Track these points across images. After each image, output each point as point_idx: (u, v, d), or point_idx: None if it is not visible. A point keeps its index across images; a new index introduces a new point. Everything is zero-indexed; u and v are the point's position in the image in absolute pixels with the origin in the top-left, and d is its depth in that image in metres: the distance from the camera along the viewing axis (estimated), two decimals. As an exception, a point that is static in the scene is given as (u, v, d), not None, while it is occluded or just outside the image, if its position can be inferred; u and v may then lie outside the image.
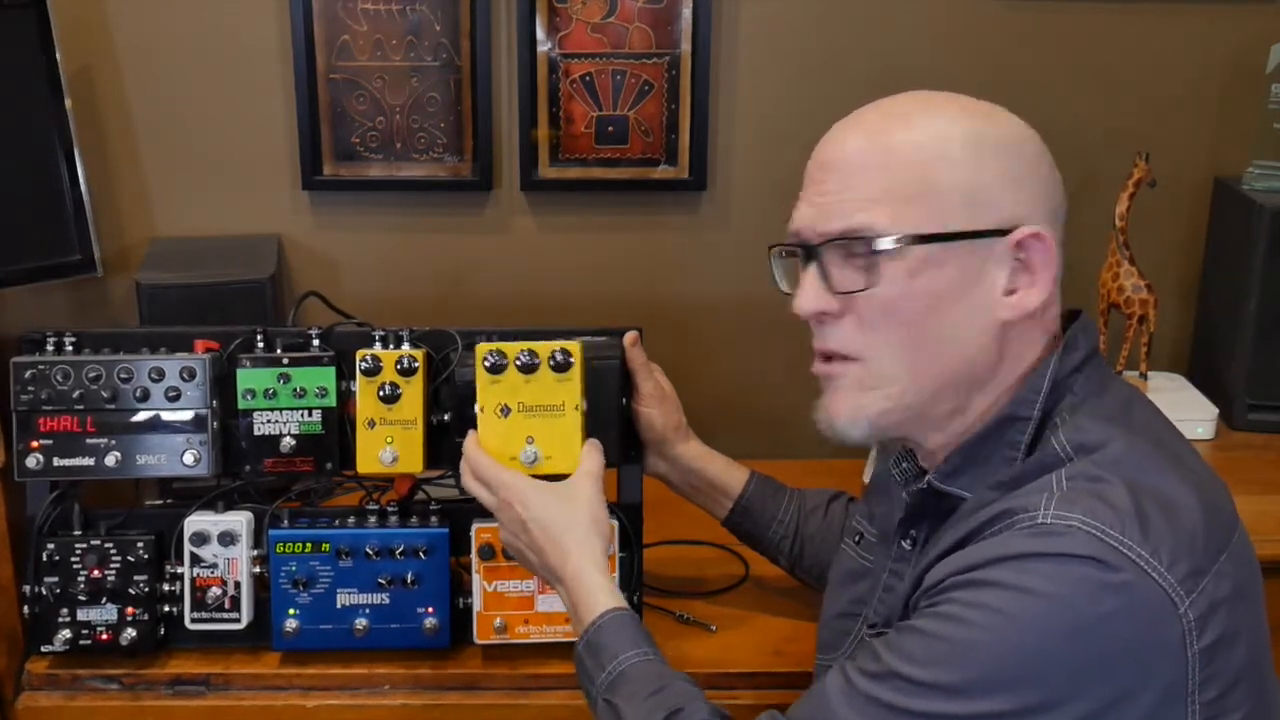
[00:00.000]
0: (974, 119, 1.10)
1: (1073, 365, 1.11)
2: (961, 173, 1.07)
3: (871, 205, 1.08)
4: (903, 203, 1.07)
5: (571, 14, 2.00)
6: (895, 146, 1.08)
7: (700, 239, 2.10)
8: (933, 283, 1.07)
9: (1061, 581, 0.96)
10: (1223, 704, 1.00)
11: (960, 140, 1.08)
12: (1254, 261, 1.93)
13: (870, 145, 1.09)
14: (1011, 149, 1.09)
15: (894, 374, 1.11)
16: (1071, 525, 0.98)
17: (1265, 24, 2.03)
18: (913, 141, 1.08)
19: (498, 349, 1.35)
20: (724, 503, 1.56)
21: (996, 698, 0.96)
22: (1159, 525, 0.99)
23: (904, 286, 1.08)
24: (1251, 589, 1.06)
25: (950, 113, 1.10)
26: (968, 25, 2.03)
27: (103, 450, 1.47)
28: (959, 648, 0.98)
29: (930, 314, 1.08)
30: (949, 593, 1.01)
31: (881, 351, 1.11)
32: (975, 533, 1.04)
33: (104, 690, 1.49)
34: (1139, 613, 0.96)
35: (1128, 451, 1.04)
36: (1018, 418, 1.10)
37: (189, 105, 2.01)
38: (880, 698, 1.01)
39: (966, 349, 1.10)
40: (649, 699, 1.14)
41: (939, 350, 1.10)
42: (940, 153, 1.07)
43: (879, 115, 1.12)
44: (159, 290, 1.79)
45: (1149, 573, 0.97)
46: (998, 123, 1.11)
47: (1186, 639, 0.97)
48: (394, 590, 1.49)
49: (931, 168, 1.07)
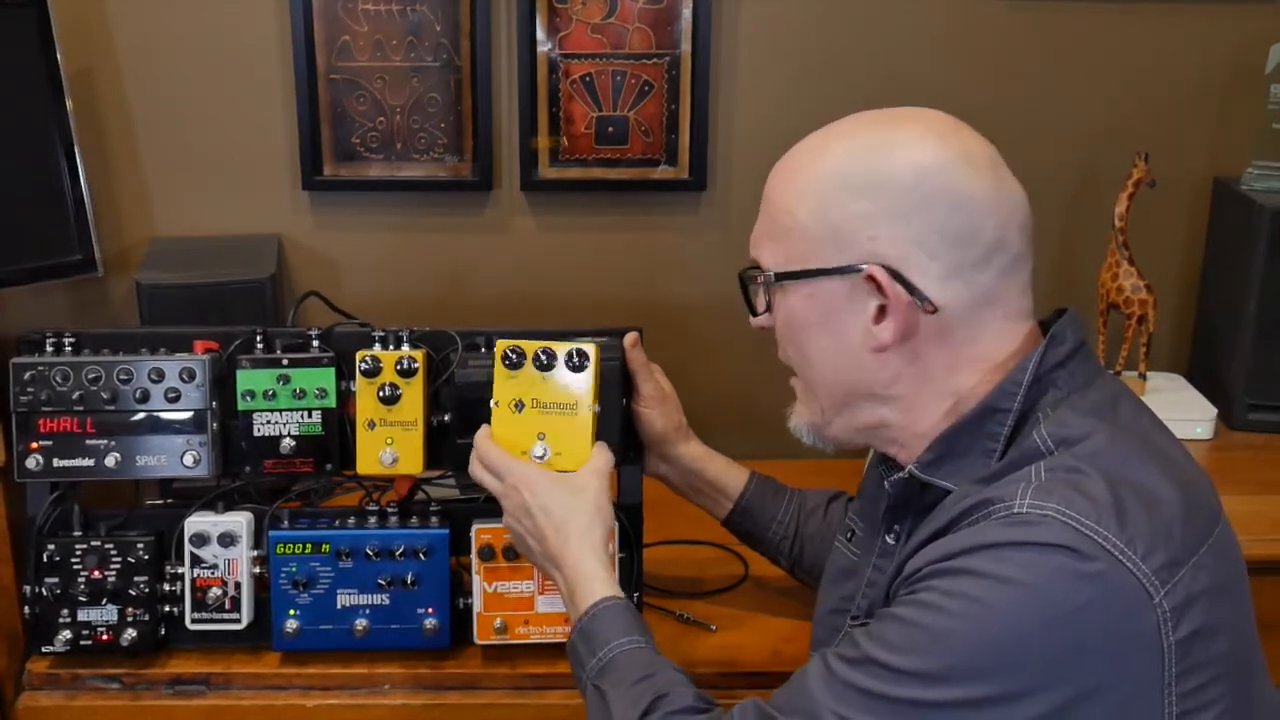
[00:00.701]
0: (852, 155, 1.13)
1: (1056, 360, 1.12)
2: (821, 214, 1.13)
3: (762, 239, 1.20)
4: (776, 240, 1.17)
5: (571, 14, 2.00)
6: (784, 188, 1.17)
7: (700, 239, 2.10)
8: (804, 312, 1.16)
9: (1037, 570, 0.97)
10: (1201, 696, 1.00)
11: (828, 182, 1.13)
12: (1254, 261, 1.94)
13: (774, 185, 1.19)
14: (876, 186, 1.10)
15: (808, 388, 1.22)
16: (1047, 515, 0.99)
17: (1265, 24, 2.03)
18: (795, 185, 1.16)
19: (517, 345, 1.37)
20: (724, 503, 1.57)
21: (972, 685, 0.97)
22: (1136, 516, 1.00)
23: (784, 315, 1.19)
24: (1235, 584, 1.07)
25: (835, 149, 1.14)
26: (968, 25, 2.03)
27: (102, 451, 1.47)
28: (936, 635, 0.99)
29: (807, 339, 1.18)
30: (927, 581, 1.02)
31: (796, 367, 1.22)
32: (954, 522, 1.05)
33: (104, 690, 1.49)
34: (1113, 602, 0.97)
35: (1109, 445, 1.05)
36: (997, 409, 1.11)
37: (189, 105, 2.01)
38: (858, 684, 1.02)
39: (847, 372, 1.16)
40: (636, 685, 1.16)
41: (823, 371, 1.18)
42: (809, 196, 1.14)
43: (794, 153, 1.19)
44: (159, 290, 1.79)
45: (1123, 562, 0.97)
46: (878, 156, 1.11)
47: (1162, 629, 0.98)
48: (394, 591, 1.49)
49: (800, 210, 1.14)
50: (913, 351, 1.13)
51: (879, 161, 1.11)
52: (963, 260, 1.09)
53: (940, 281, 1.09)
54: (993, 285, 1.11)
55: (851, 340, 1.14)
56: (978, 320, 1.12)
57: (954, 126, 1.14)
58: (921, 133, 1.12)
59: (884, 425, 1.18)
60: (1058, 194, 2.09)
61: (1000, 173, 1.13)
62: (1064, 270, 2.12)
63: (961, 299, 1.10)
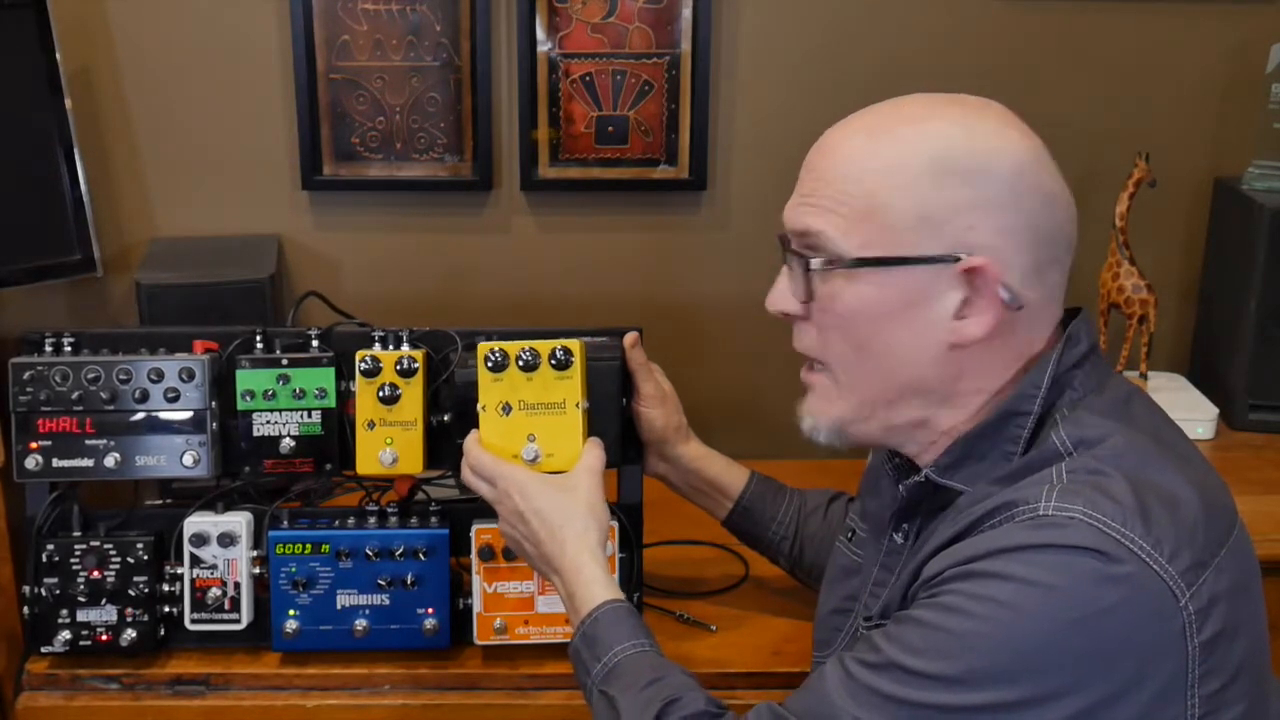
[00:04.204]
0: (950, 139, 1.07)
1: (1073, 361, 1.11)
2: (913, 198, 1.06)
3: (829, 214, 1.09)
4: (854, 220, 1.08)
5: (571, 14, 2.00)
6: (861, 161, 1.09)
7: (700, 239, 2.10)
8: (877, 302, 1.09)
9: (1063, 573, 0.96)
10: (1222, 697, 1.00)
11: (922, 163, 1.07)
12: (1254, 261, 1.93)
13: (843, 156, 1.10)
14: (979, 174, 1.06)
15: (850, 383, 1.13)
16: (1073, 517, 0.98)
17: (1265, 24, 2.03)
18: (877, 160, 1.08)
19: (499, 348, 1.35)
20: (724, 503, 1.56)
21: (996, 689, 0.96)
22: (1160, 518, 0.99)
23: (850, 302, 1.10)
24: (1251, 584, 1.06)
25: (929, 129, 1.08)
26: (968, 25, 2.03)
27: (102, 451, 1.47)
28: (959, 639, 0.98)
29: (875, 331, 1.10)
30: (949, 584, 1.01)
31: (837, 359, 1.13)
32: (974, 525, 1.04)
33: (104, 690, 1.49)
34: (1141, 605, 0.96)
35: (1128, 446, 1.04)
36: (1018, 412, 1.10)
37: (189, 105, 2.01)
38: (879, 688, 1.01)
39: (915, 368, 1.10)
40: (645, 689, 1.14)
41: (886, 366, 1.11)
42: (897, 175, 1.07)
43: (863, 125, 1.12)
44: (159, 290, 1.79)
45: (1151, 565, 0.97)
46: (976, 142, 1.08)
47: (1187, 631, 0.97)
48: (394, 591, 1.49)
49: (885, 190, 1.07)
50: (987, 348, 1.09)
51: (977, 147, 1.07)
52: (1044, 258, 1.08)
53: (1025, 278, 1.07)
54: (1057, 285, 1.10)
55: (930, 334, 1.09)
56: (1039, 319, 1.10)
57: (1017, 119, 1.12)
58: (1004, 123, 1.10)
59: (922, 424, 1.14)
60: (1058, 194, 2.09)
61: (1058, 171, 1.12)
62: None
63: (1037, 297, 1.08)
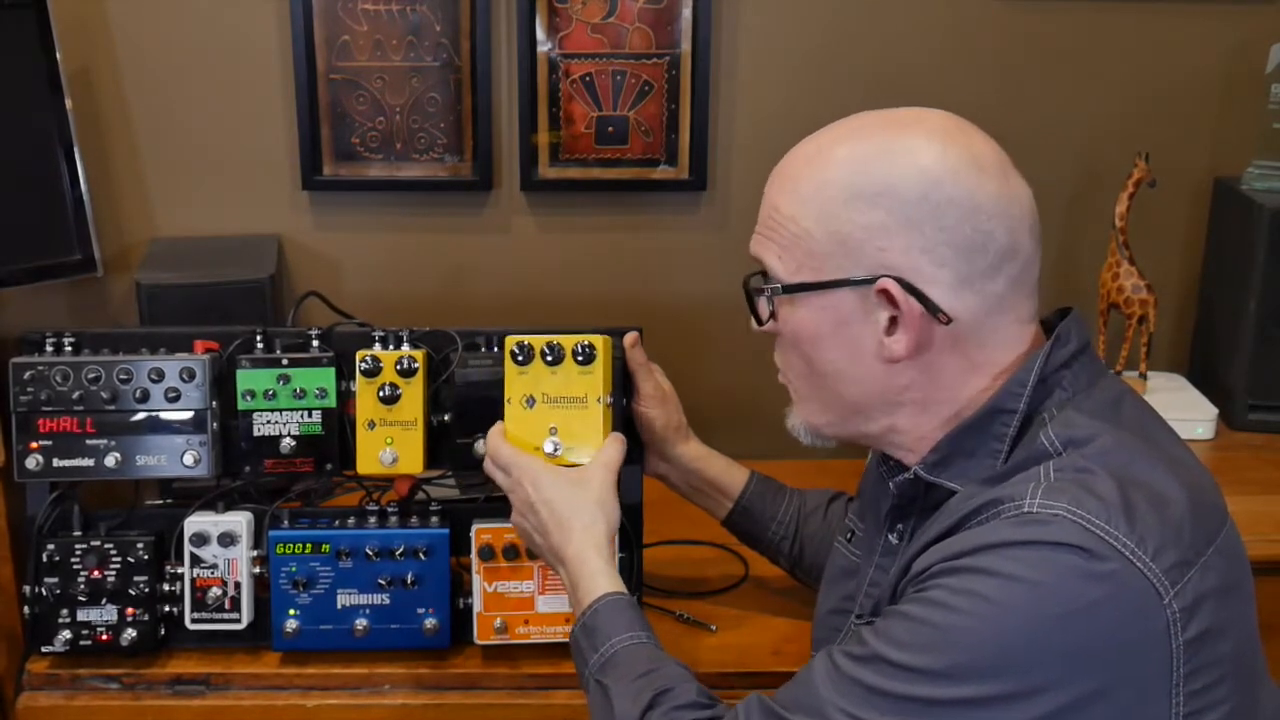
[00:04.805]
0: (862, 162, 1.10)
1: (1061, 361, 1.11)
2: (831, 224, 1.10)
3: (769, 244, 1.16)
4: (787, 248, 1.14)
5: (571, 14, 2.00)
6: (791, 190, 1.13)
7: (700, 239, 2.10)
8: (814, 324, 1.14)
9: (1047, 569, 0.97)
10: (1208, 696, 1.00)
11: (837, 190, 1.10)
12: (1254, 261, 1.94)
13: (782, 186, 1.15)
14: (885, 195, 1.08)
15: (808, 396, 1.20)
16: (1058, 514, 0.99)
17: (1265, 24, 2.03)
18: (803, 188, 1.12)
19: (525, 340, 1.37)
20: (724, 503, 1.57)
21: (979, 683, 0.97)
22: (1145, 516, 0.99)
23: (794, 326, 1.16)
24: (1240, 584, 1.06)
25: (844, 154, 1.11)
26: (968, 25, 2.03)
27: (102, 451, 1.47)
28: (943, 633, 0.99)
29: (816, 352, 1.15)
30: (936, 579, 1.02)
31: (795, 377, 1.21)
32: (962, 521, 1.05)
33: (104, 690, 1.49)
34: (1124, 602, 0.97)
35: (1116, 446, 1.05)
36: (1003, 410, 1.10)
37: (189, 105, 2.01)
38: (863, 680, 1.02)
39: (859, 384, 1.14)
40: (638, 680, 1.17)
41: (832, 383, 1.16)
42: (816, 203, 1.11)
43: (805, 153, 1.15)
44: (159, 290, 1.79)
45: (1134, 563, 0.97)
46: (886, 164, 1.09)
47: (1171, 629, 0.98)
48: (394, 591, 1.49)
49: (807, 218, 1.12)
50: (926, 361, 1.11)
51: (886, 169, 1.09)
52: (974, 269, 1.08)
53: (953, 291, 1.08)
54: (1004, 292, 1.10)
55: (864, 352, 1.12)
56: (990, 327, 1.11)
57: (960, 128, 1.12)
58: (928, 137, 1.10)
59: (892, 431, 1.17)
60: (1058, 194, 2.09)
61: (1009, 175, 1.11)
62: (1064, 270, 2.12)
63: (974, 307, 1.09)
